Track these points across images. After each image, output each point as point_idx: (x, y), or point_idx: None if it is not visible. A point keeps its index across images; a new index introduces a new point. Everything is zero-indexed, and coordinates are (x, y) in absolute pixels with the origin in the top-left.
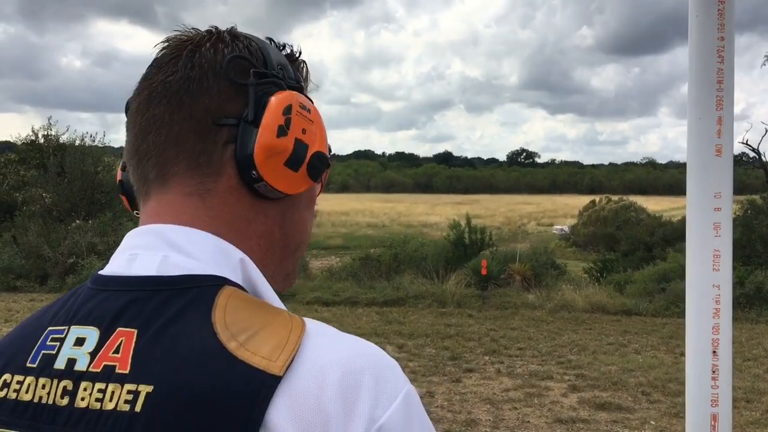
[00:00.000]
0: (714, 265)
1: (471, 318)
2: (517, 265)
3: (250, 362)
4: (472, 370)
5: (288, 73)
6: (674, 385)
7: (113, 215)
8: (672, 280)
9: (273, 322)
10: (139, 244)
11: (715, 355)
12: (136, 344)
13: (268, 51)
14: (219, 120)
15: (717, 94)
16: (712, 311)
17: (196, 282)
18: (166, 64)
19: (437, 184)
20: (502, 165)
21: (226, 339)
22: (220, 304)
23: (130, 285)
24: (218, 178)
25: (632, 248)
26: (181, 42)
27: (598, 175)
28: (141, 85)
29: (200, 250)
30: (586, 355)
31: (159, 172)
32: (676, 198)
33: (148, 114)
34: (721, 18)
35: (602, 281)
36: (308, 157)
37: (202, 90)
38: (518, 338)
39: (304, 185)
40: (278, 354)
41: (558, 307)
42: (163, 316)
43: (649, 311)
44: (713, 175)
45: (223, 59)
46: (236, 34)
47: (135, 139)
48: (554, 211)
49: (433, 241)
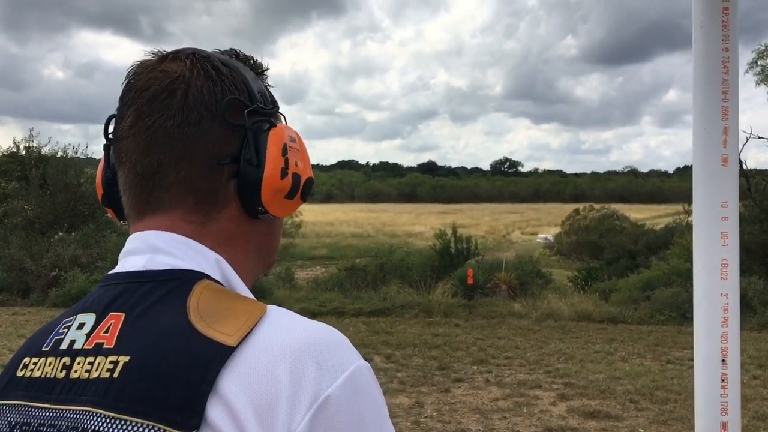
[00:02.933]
0: (722, 274)
1: (458, 327)
2: (503, 275)
3: (210, 336)
4: (461, 379)
5: (266, 98)
6: (661, 393)
7: (96, 227)
8: (656, 288)
9: (238, 307)
10: (130, 249)
11: (724, 364)
12: (122, 325)
13: (249, 82)
14: (221, 160)
15: (722, 104)
16: (720, 320)
17: (178, 275)
18: (159, 102)
19: (421, 194)
20: (486, 174)
21: (195, 320)
22: (195, 293)
23: (124, 278)
24: (222, 210)
25: (616, 256)
26: (170, 78)
27: (581, 184)
28: (134, 124)
29: (181, 251)
30: (573, 364)
31: (161, 206)
32: (657, 206)
33: (150, 158)
34: (725, 29)
35: (587, 289)
36: (302, 185)
37: (203, 134)
38: (506, 347)
39: (297, 207)
40: (236, 330)
41: (544, 315)
42: (146, 302)
43: (635, 319)
44: (720, 185)
45: (217, 102)
46: (217, 67)
47: (136, 178)
48: (538, 219)
49: (419, 250)
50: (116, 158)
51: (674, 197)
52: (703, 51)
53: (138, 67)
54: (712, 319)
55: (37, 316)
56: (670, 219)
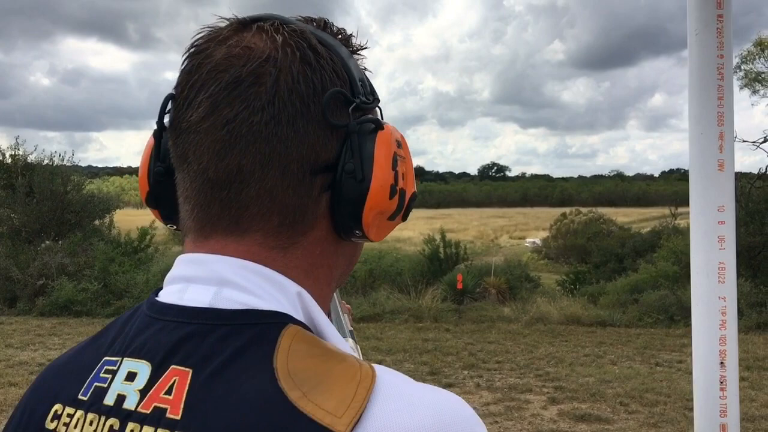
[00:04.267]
0: (719, 277)
1: (448, 332)
2: (492, 279)
3: (313, 416)
4: (452, 384)
5: (366, 89)
6: (651, 395)
7: (84, 235)
8: (644, 291)
9: (339, 370)
10: (188, 275)
11: (722, 367)
12: (190, 386)
13: (350, 67)
14: (315, 169)
15: (718, 110)
16: (718, 323)
17: (257, 318)
18: (243, 90)
19: None
20: (474, 179)
21: (288, 387)
22: (283, 347)
23: (186, 316)
24: (309, 231)
25: (604, 260)
26: (257, 59)
27: (568, 188)
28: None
29: (256, 285)
30: (563, 367)
31: (238, 224)
32: (644, 209)
33: (228, 161)
34: (720, 36)
35: (576, 293)
36: (406, 203)
37: (297, 135)
38: (496, 352)
39: (396, 225)
40: (344, 410)
41: (533, 319)
42: (220, 356)
43: (623, 322)
44: (716, 189)
45: (316, 95)
46: (315, 47)
47: (206, 185)
48: (526, 224)
49: (408, 256)
50: (177, 154)
51: (660, 200)
52: (698, 58)
53: (208, 37)
54: (710, 322)
55: (24, 326)
56: (657, 222)
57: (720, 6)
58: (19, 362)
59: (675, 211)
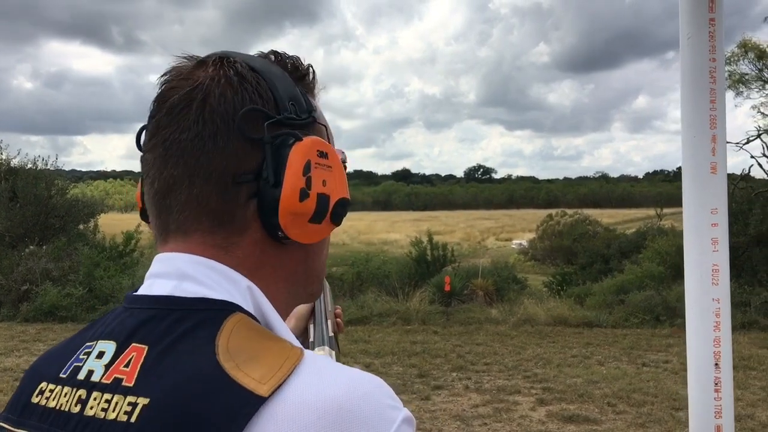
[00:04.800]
0: (713, 279)
1: (436, 335)
2: (480, 281)
3: (241, 382)
4: (441, 387)
5: (300, 106)
6: (638, 396)
7: (68, 240)
8: (630, 292)
9: (272, 348)
10: (156, 271)
11: (717, 368)
12: (144, 360)
13: (277, 87)
14: (238, 178)
15: (710, 113)
16: (713, 324)
17: (208, 305)
18: (177, 113)
19: (396, 202)
20: (460, 181)
21: (224, 360)
22: (226, 329)
23: (149, 304)
24: (243, 233)
25: (590, 261)
26: (191, 86)
27: (553, 190)
28: (154, 136)
29: (210, 278)
30: (551, 368)
31: (180, 227)
32: (628, 210)
33: (165, 173)
34: (712, 40)
35: (562, 294)
36: (331, 207)
37: (218, 149)
38: (484, 353)
39: (328, 232)
40: (268, 378)
41: (521, 321)
42: (172, 335)
43: (610, 323)
44: (709, 192)
45: (235, 113)
46: (241, 72)
47: (155, 196)
48: (512, 225)
49: (395, 258)
50: (142, 173)
51: (644, 201)
52: (690, 61)
53: (169, 74)
54: (704, 324)
55: (8, 332)
56: (641, 223)
57: (712, 10)
58: (3, 369)
59: (660, 212)
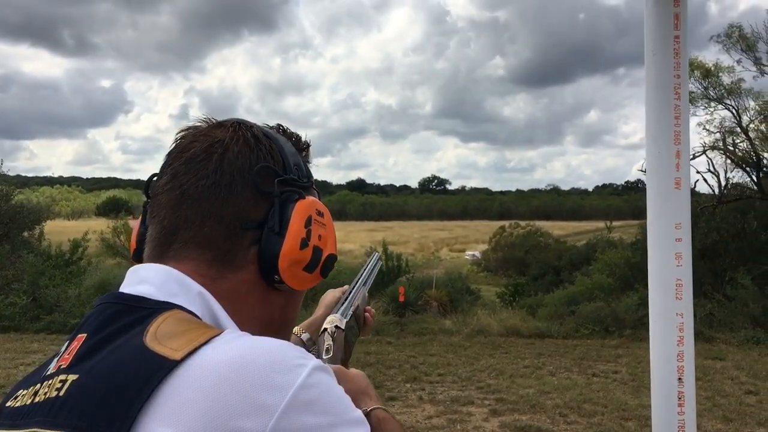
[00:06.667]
0: (677, 294)
1: (390, 345)
2: (434, 292)
3: (158, 351)
4: (395, 398)
5: (302, 172)
6: (589, 406)
7: (12, 248)
8: (580, 303)
9: (197, 329)
10: (127, 281)
11: (680, 383)
12: (81, 345)
13: (286, 153)
14: (246, 224)
15: (674, 129)
16: (676, 339)
17: (149, 304)
18: (196, 163)
19: (351, 212)
20: (415, 192)
21: (149, 340)
22: (159, 319)
23: (100, 302)
24: (237, 272)
25: (541, 272)
26: (210, 141)
27: (506, 202)
28: (170, 181)
29: (158, 279)
30: (504, 379)
31: (176, 255)
32: (578, 223)
33: (179, 213)
34: (676, 57)
35: (515, 305)
36: (323, 260)
37: (232, 196)
38: (438, 364)
39: (315, 282)
40: (183, 347)
41: (474, 332)
42: (110, 326)
43: (561, 333)
44: (673, 207)
45: (251, 168)
46: (257, 135)
47: (162, 231)
48: (466, 237)
49: (350, 268)
50: (150, 214)
51: (594, 214)
52: (655, 78)
53: (186, 131)
54: (668, 339)
55: None
56: (591, 235)
57: (677, 27)
58: None
59: (610, 224)
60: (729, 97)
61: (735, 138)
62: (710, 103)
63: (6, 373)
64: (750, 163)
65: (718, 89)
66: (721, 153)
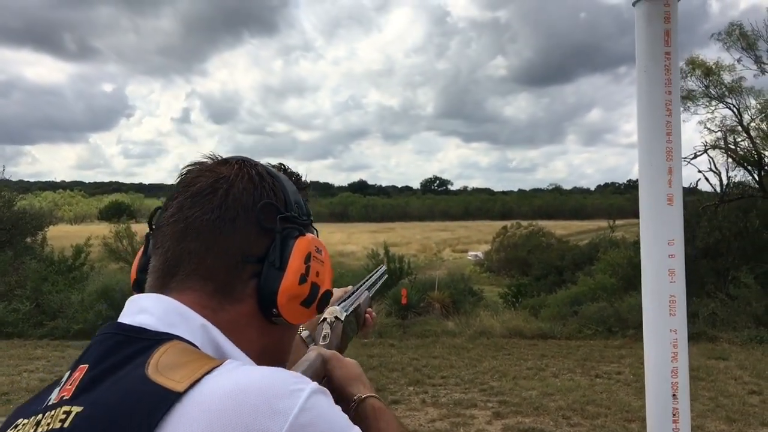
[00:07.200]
0: (671, 310)
1: (393, 348)
2: (436, 293)
3: (161, 383)
4: (398, 401)
5: (302, 209)
6: (592, 408)
7: (14, 254)
8: (583, 304)
9: (198, 360)
10: (125, 311)
11: (675, 399)
12: (83, 376)
13: (288, 191)
14: (246, 258)
15: (667, 145)
16: (670, 356)
17: (149, 335)
18: (202, 197)
19: (353, 213)
20: (417, 193)
21: (151, 372)
22: (160, 350)
23: (101, 332)
24: (236, 304)
25: (544, 273)
26: (216, 177)
27: (508, 202)
28: (175, 214)
29: (159, 310)
30: (507, 381)
31: (179, 286)
32: (581, 222)
33: (183, 245)
34: (667, 73)
35: (517, 306)
36: (319, 296)
37: (235, 230)
38: (440, 367)
39: (311, 317)
40: (185, 379)
41: (477, 333)
42: (111, 357)
43: (564, 334)
44: (666, 224)
45: (254, 204)
46: (261, 173)
47: (165, 263)
48: (468, 237)
49: (352, 271)
50: (153, 245)
51: (596, 213)
52: (647, 94)
53: (191, 166)
54: (662, 355)
55: None
56: (594, 235)
57: (667, 44)
58: None
59: (612, 224)
60: (730, 95)
61: (736, 137)
62: (711, 102)
63: (10, 380)
64: (751, 161)
65: (719, 88)
66: (722, 152)
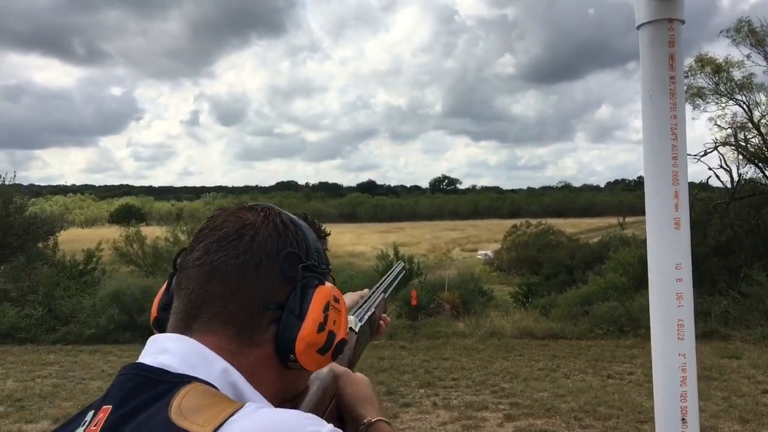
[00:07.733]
0: (679, 334)
1: (403, 350)
2: (446, 294)
3: (186, 427)
4: (409, 404)
5: (321, 258)
6: (604, 409)
7: (27, 259)
8: (594, 303)
9: (219, 404)
10: (144, 350)
11: (684, 423)
12: (107, 418)
13: (309, 240)
14: (267, 305)
15: (673, 169)
16: (679, 380)
17: (170, 377)
18: (228, 242)
19: (362, 214)
20: (425, 192)
21: (174, 415)
22: (181, 393)
23: (123, 372)
24: (255, 349)
25: (554, 272)
26: (242, 223)
27: (517, 200)
28: (201, 257)
29: (182, 351)
30: (518, 383)
31: (201, 329)
32: (591, 219)
33: (207, 288)
34: (672, 98)
35: (528, 306)
36: (335, 344)
37: (259, 277)
38: (451, 368)
39: (325, 364)
40: (209, 423)
41: (488, 334)
42: (133, 399)
43: (575, 334)
44: (673, 248)
45: (278, 252)
46: (285, 222)
47: (188, 305)
48: (477, 236)
49: (362, 271)
50: (177, 285)
51: (606, 210)
52: (652, 119)
53: (218, 211)
54: (671, 379)
55: None
56: (604, 232)
57: (672, 68)
58: None
59: (623, 221)
60: (740, 92)
61: (747, 133)
62: (721, 99)
63: (23, 386)
64: (762, 158)
65: (729, 84)
66: (732, 149)
